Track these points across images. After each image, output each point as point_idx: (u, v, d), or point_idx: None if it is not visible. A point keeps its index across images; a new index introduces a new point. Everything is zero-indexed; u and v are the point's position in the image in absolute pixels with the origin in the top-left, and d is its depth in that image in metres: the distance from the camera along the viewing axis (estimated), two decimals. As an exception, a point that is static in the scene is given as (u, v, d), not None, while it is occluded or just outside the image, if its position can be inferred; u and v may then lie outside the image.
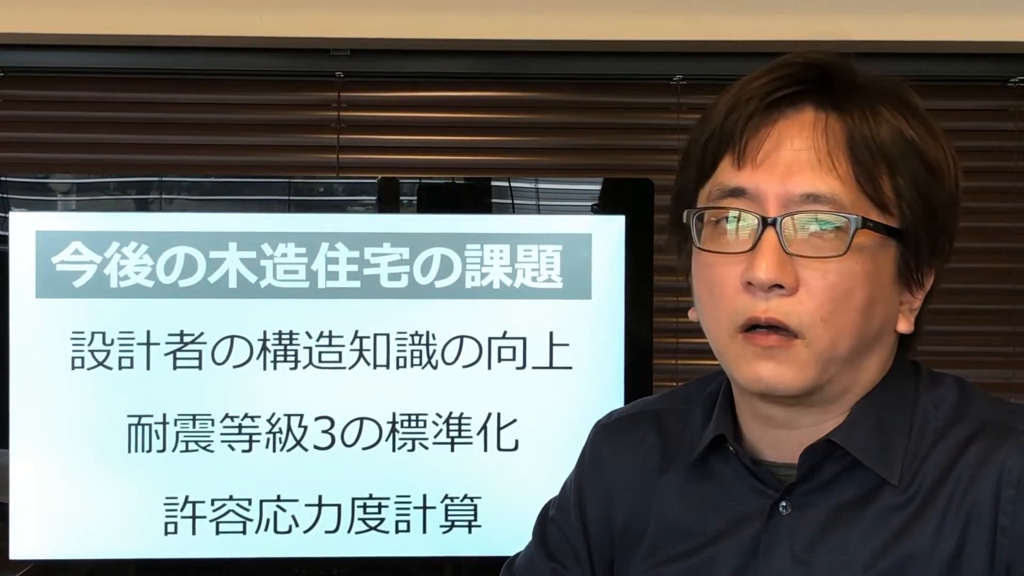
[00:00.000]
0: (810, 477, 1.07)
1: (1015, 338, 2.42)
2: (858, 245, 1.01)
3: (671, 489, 1.16)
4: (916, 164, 1.03)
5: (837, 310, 1.02)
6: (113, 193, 2.09)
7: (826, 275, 1.02)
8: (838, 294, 1.02)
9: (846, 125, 1.03)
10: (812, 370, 1.03)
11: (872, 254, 1.03)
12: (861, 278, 1.02)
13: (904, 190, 1.03)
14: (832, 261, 1.01)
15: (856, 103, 1.04)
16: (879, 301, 1.04)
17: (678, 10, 2.29)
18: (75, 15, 2.26)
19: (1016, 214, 2.44)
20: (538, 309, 1.89)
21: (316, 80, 2.41)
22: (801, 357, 1.03)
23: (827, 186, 1.02)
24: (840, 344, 1.03)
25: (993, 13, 2.28)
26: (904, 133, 1.03)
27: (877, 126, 1.03)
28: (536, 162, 2.42)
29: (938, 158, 1.05)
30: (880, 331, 1.06)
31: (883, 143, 1.02)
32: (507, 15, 2.29)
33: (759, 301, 1.03)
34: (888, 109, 1.04)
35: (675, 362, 2.31)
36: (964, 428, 1.06)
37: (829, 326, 1.02)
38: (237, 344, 1.88)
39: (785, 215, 1.02)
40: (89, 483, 1.87)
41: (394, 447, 1.89)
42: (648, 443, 1.20)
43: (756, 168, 1.03)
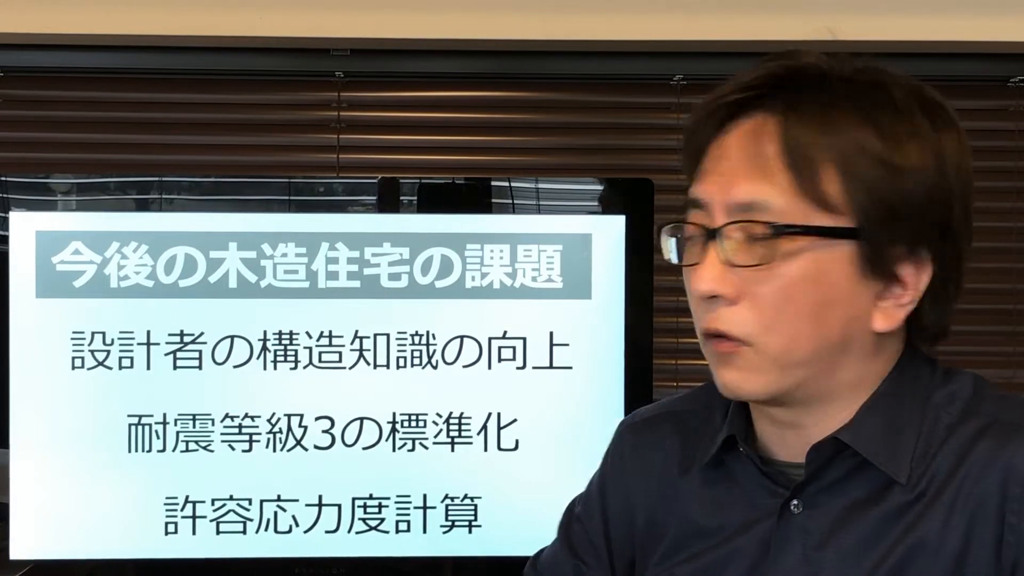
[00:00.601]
0: (820, 476, 1.07)
1: (1015, 338, 2.42)
2: (791, 250, 1.01)
3: (689, 490, 1.17)
4: (868, 165, 1.01)
5: (779, 317, 1.02)
6: (113, 193, 2.09)
7: (763, 283, 1.02)
8: (779, 301, 1.02)
9: (787, 129, 1.02)
10: (770, 375, 1.04)
11: (814, 256, 1.02)
12: (803, 282, 1.02)
13: (855, 191, 1.01)
14: (769, 268, 1.02)
15: (808, 106, 1.03)
16: (835, 302, 1.03)
17: (678, 10, 2.29)
18: (75, 15, 2.26)
19: (1016, 214, 2.44)
20: (538, 309, 1.89)
21: (316, 80, 2.41)
22: (754, 363, 1.04)
23: (760, 192, 1.02)
24: (796, 349, 1.03)
25: (993, 13, 2.28)
26: (857, 134, 1.01)
27: (824, 128, 1.02)
28: (536, 162, 2.42)
29: (907, 155, 1.02)
30: (848, 331, 1.04)
31: (828, 145, 1.01)
32: (507, 15, 2.29)
33: (707, 312, 1.05)
34: (850, 109, 1.02)
35: (675, 362, 2.31)
36: (973, 425, 1.05)
37: (775, 333, 1.03)
38: (237, 344, 1.88)
39: (724, 225, 1.03)
40: (89, 483, 1.87)
41: (394, 447, 1.89)
42: (668, 445, 1.21)
43: (705, 179, 1.06)
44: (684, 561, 1.15)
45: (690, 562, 1.14)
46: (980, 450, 1.03)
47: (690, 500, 1.16)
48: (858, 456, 1.06)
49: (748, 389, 1.06)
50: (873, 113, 1.03)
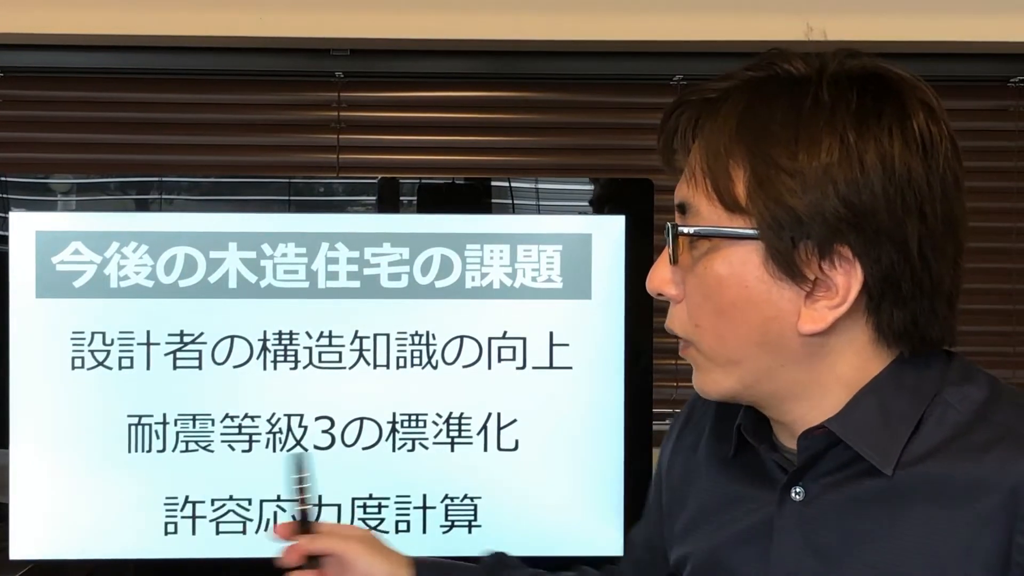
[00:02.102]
0: (815, 464, 1.08)
1: (1015, 338, 2.43)
2: (705, 252, 1.05)
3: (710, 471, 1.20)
4: (769, 168, 1.01)
5: (703, 315, 1.06)
6: (113, 193, 2.09)
7: (692, 283, 1.07)
8: (701, 300, 1.06)
9: (710, 134, 1.06)
10: (715, 373, 1.08)
11: (724, 258, 1.04)
12: (715, 283, 1.05)
13: (757, 194, 1.02)
14: (695, 268, 1.06)
15: (731, 109, 1.06)
16: (750, 303, 1.04)
17: (678, 10, 2.29)
18: (75, 15, 2.27)
19: (1016, 214, 2.44)
20: (538, 309, 1.89)
21: (316, 80, 2.41)
22: (701, 362, 1.09)
23: (686, 195, 1.08)
24: (723, 347, 1.06)
25: (993, 13, 2.28)
26: (764, 138, 1.02)
27: (739, 132, 1.03)
28: (536, 162, 2.42)
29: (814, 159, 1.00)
30: (771, 331, 1.04)
31: (738, 150, 1.03)
32: (507, 15, 2.29)
33: None
34: (766, 112, 1.03)
35: (675, 362, 2.31)
36: (986, 431, 1.03)
37: (703, 331, 1.07)
38: (237, 344, 1.88)
39: (669, 227, 1.08)
40: (89, 483, 1.87)
41: (394, 447, 1.89)
42: (706, 424, 1.24)
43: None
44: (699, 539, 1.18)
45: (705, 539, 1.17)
46: (991, 460, 1.01)
47: (709, 481, 1.19)
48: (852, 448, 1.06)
49: (708, 389, 1.10)
50: (792, 116, 1.02)
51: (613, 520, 1.88)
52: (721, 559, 1.14)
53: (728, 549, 1.14)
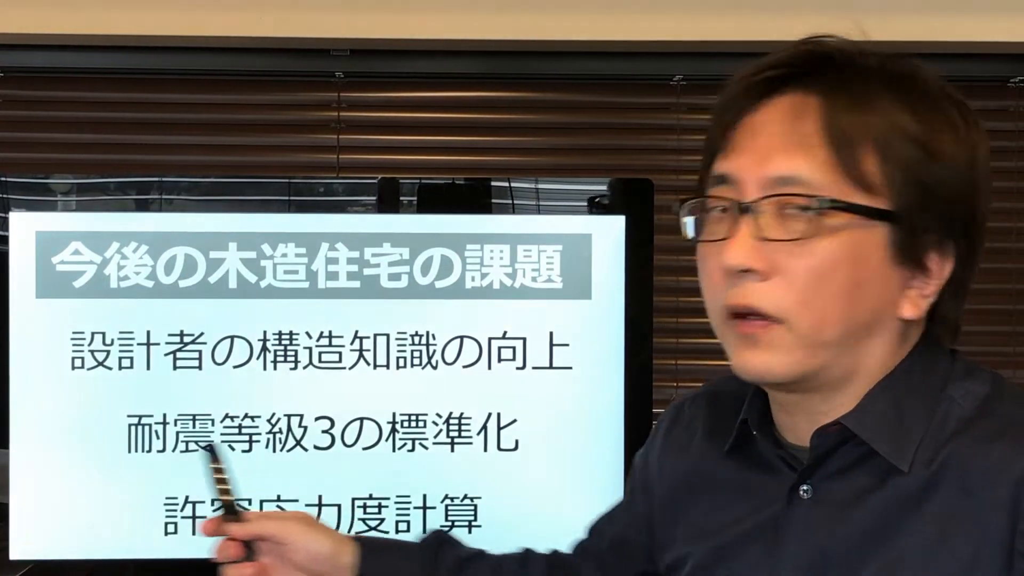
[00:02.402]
0: (826, 462, 1.07)
1: (1015, 338, 2.43)
2: (833, 226, 1.00)
3: (710, 471, 1.18)
4: (908, 147, 1.01)
5: (815, 294, 1.01)
6: (113, 193, 2.09)
7: (800, 258, 1.01)
8: (814, 277, 1.01)
9: (828, 108, 1.02)
10: (797, 354, 1.03)
11: (853, 235, 1.01)
12: (840, 260, 1.01)
13: (893, 172, 1.01)
14: (806, 243, 1.01)
15: (846, 87, 1.03)
16: (868, 284, 1.02)
17: (678, 10, 2.29)
18: (75, 15, 2.26)
19: (1016, 214, 2.44)
20: (538, 309, 1.89)
21: (316, 80, 2.41)
22: (784, 342, 1.03)
23: (799, 168, 1.01)
24: (825, 328, 1.02)
25: (993, 13, 2.28)
26: (895, 117, 1.02)
27: (863, 109, 1.01)
28: (536, 162, 2.42)
29: (942, 143, 1.02)
30: (876, 315, 1.04)
31: (868, 125, 1.01)
32: (507, 15, 2.29)
33: (736, 288, 1.03)
34: (885, 94, 1.03)
35: (675, 362, 2.31)
36: (990, 425, 1.03)
37: (808, 309, 1.01)
38: (237, 344, 1.88)
39: (759, 199, 1.01)
40: (89, 483, 1.87)
41: (394, 447, 1.89)
42: (699, 425, 1.22)
43: (737, 155, 1.04)
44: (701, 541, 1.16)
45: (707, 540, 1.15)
46: (995, 452, 1.01)
47: (710, 480, 1.17)
48: (865, 444, 1.05)
49: (772, 370, 1.04)
50: (909, 98, 1.03)
51: (613, 520, 1.87)
52: (725, 558, 1.13)
53: (733, 548, 1.12)
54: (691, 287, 2.49)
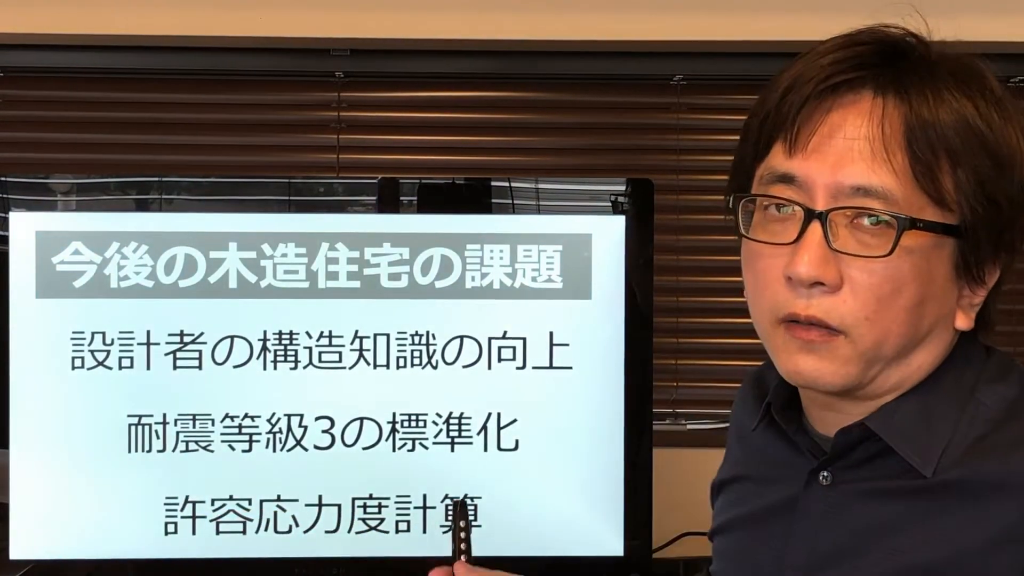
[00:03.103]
0: (847, 454, 1.06)
1: (1015, 338, 2.42)
2: (907, 245, 0.98)
3: (748, 447, 1.19)
4: (980, 156, 0.99)
5: (882, 309, 0.99)
6: (113, 193, 2.09)
7: (872, 274, 0.99)
8: (884, 294, 0.99)
9: (905, 111, 0.98)
10: (854, 367, 1.01)
11: (924, 253, 0.99)
12: (910, 278, 0.99)
13: (965, 185, 0.99)
14: (879, 261, 0.98)
15: (920, 85, 1.00)
16: (931, 300, 1.01)
17: (678, 10, 2.29)
18: (75, 15, 2.26)
19: (1016, 214, 2.44)
20: (538, 309, 1.89)
21: (316, 80, 2.41)
22: (843, 353, 1.01)
23: (879, 179, 0.98)
24: (887, 344, 1.01)
25: (993, 13, 2.28)
26: (969, 120, 0.99)
27: (939, 111, 0.99)
28: (536, 162, 2.42)
29: (1009, 146, 1.01)
30: (932, 329, 1.03)
31: (944, 132, 0.98)
32: (507, 15, 2.29)
33: (800, 297, 1.00)
34: (955, 91, 1.01)
35: (675, 362, 2.31)
36: (1013, 430, 1.02)
37: (874, 325, 0.99)
38: (237, 344, 1.88)
39: (833, 209, 0.98)
40: (89, 483, 1.87)
41: (394, 447, 1.89)
42: (744, 405, 1.23)
43: (807, 156, 1.00)
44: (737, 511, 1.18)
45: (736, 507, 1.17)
46: (1016, 460, 1.00)
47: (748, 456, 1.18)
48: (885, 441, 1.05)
49: (826, 379, 1.02)
50: (975, 96, 1.01)
51: (613, 520, 1.87)
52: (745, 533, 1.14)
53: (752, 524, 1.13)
54: (691, 287, 2.51)
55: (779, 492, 1.12)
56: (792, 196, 1.01)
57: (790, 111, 1.01)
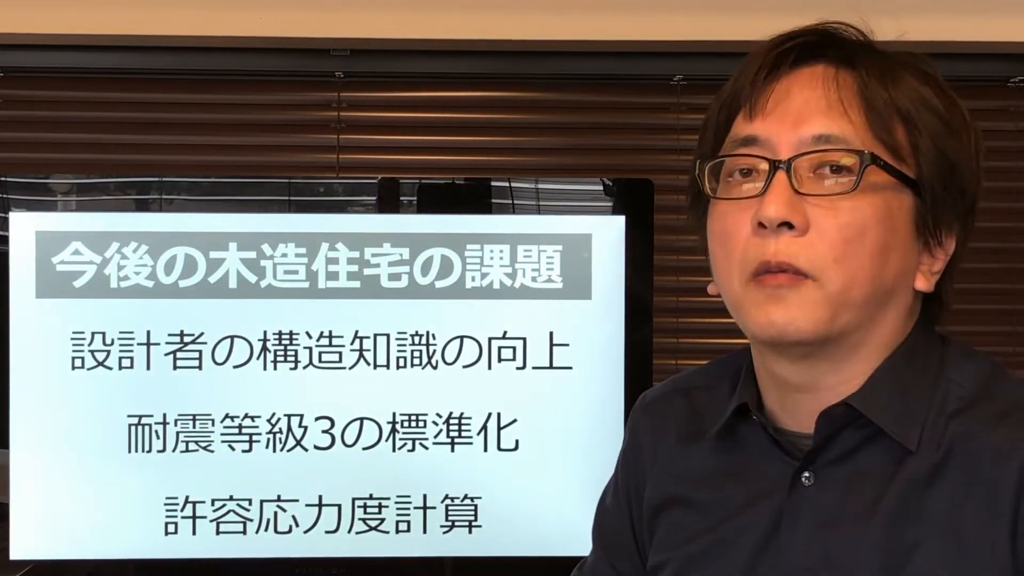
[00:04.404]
0: (830, 446, 1.06)
1: (1015, 338, 2.42)
2: (870, 184, 1.01)
3: (699, 464, 1.16)
4: (933, 120, 1.04)
5: (849, 251, 1.01)
6: (113, 193, 2.09)
7: (838, 214, 1.01)
8: (850, 234, 1.01)
9: (859, 78, 1.04)
10: (824, 312, 1.02)
11: (885, 198, 1.02)
12: (874, 220, 1.02)
13: (920, 141, 1.03)
14: (844, 199, 1.01)
15: (872, 63, 1.05)
16: (894, 249, 1.03)
17: (678, 10, 2.29)
18: (75, 15, 2.26)
19: (1016, 214, 2.44)
20: (538, 309, 1.89)
21: (316, 80, 2.41)
22: (813, 298, 1.02)
23: (838, 128, 1.02)
24: (854, 288, 1.02)
25: (993, 13, 2.28)
26: (921, 91, 1.04)
27: (892, 83, 1.04)
28: (536, 162, 2.42)
29: (957, 121, 1.06)
30: (896, 282, 1.05)
31: (896, 96, 1.03)
32: (507, 15, 2.29)
33: (769, 243, 1.02)
34: (907, 73, 1.06)
35: (675, 362, 2.31)
36: (992, 407, 1.04)
37: (842, 267, 1.01)
38: (237, 344, 1.88)
39: (795, 156, 1.02)
40: (89, 483, 1.87)
41: (394, 447, 1.89)
42: (678, 420, 1.20)
43: (766, 116, 1.04)
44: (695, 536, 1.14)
45: (702, 537, 1.13)
46: (999, 435, 1.01)
47: (700, 474, 1.16)
48: (869, 427, 1.05)
49: (797, 326, 1.02)
50: (926, 79, 1.06)
51: (613, 520, 1.87)
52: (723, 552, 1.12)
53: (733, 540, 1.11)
54: (691, 287, 2.50)
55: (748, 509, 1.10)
56: (757, 153, 1.04)
57: (746, 84, 1.07)
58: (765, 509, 1.09)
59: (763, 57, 1.07)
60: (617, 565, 1.26)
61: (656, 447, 1.22)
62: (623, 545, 1.25)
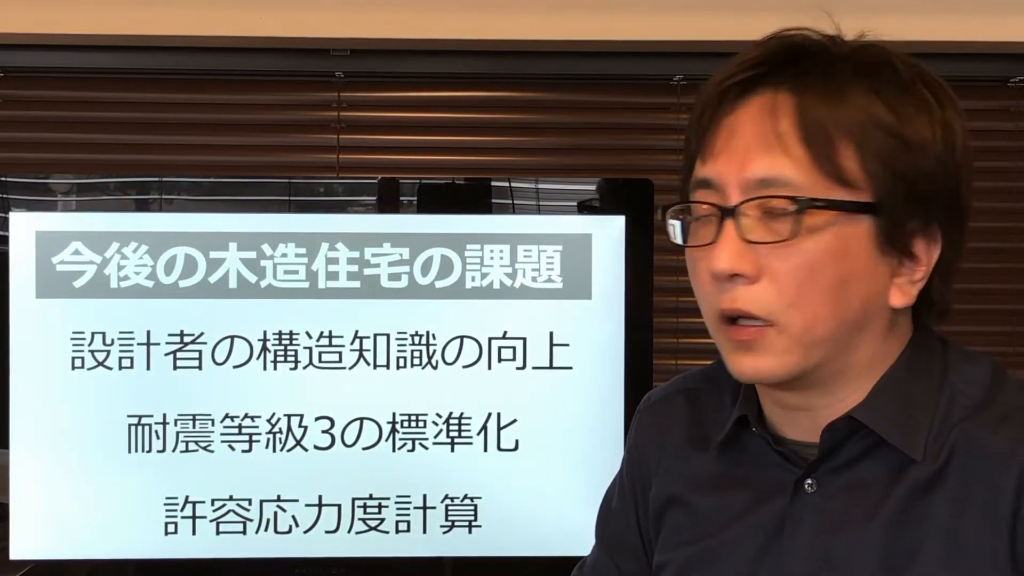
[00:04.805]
0: (833, 455, 1.06)
1: (1015, 338, 2.42)
2: (814, 225, 1.00)
3: (702, 469, 1.17)
4: (881, 137, 1.01)
5: (803, 293, 1.01)
6: (113, 193, 2.09)
7: (786, 260, 1.01)
8: (801, 276, 1.01)
9: (800, 104, 1.02)
10: (792, 356, 1.03)
11: (835, 231, 1.01)
12: (825, 257, 1.01)
13: (871, 164, 1.01)
14: (791, 244, 1.00)
15: (818, 81, 1.03)
16: (856, 278, 1.02)
17: (678, 10, 2.29)
18: (75, 15, 2.26)
19: (1016, 214, 2.44)
20: (538, 309, 1.89)
21: (316, 80, 2.41)
22: (778, 344, 1.02)
23: (779, 169, 1.01)
24: (816, 327, 1.02)
25: (993, 13, 2.28)
26: (868, 108, 1.01)
27: (836, 102, 1.01)
28: (536, 162, 2.42)
29: (917, 129, 1.02)
30: (867, 308, 1.04)
31: (842, 118, 1.01)
32: (507, 15, 2.29)
33: (725, 293, 1.03)
34: (858, 83, 1.03)
35: (675, 362, 2.31)
36: (994, 412, 1.04)
37: (798, 310, 1.01)
38: (237, 344, 1.88)
39: (741, 203, 1.01)
40: (89, 483, 1.87)
41: (394, 447, 1.89)
42: (682, 421, 1.21)
43: (716, 158, 1.04)
44: (696, 539, 1.15)
45: (702, 540, 1.14)
46: (1000, 440, 1.01)
47: (703, 478, 1.16)
48: (872, 435, 1.05)
49: (766, 373, 1.04)
50: (880, 87, 1.03)
51: (613, 520, 1.87)
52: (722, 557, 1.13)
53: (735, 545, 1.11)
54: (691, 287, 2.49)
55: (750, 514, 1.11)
56: (709, 198, 1.04)
57: (700, 123, 1.07)
58: (767, 514, 1.09)
59: (708, 94, 1.07)
60: (621, 564, 1.26)
61: (661, 447, 1.22)
62: (629, 544, 1.26)
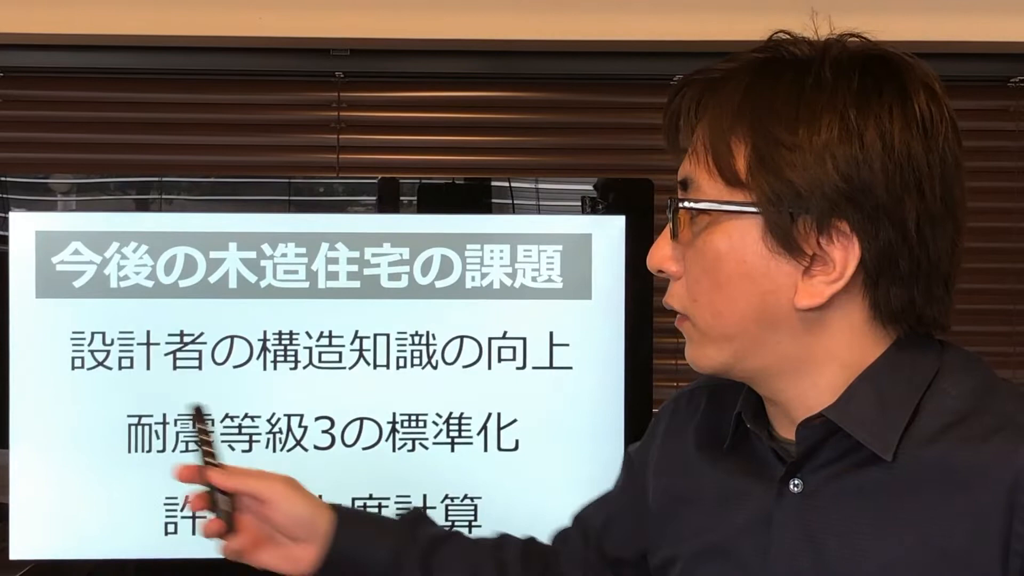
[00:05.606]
0: (815, 454, 1.07)
1: (1015, 338, 2.42)
2: (706, 226, 1.06)
3: (709, 465, 1.18)
4: (769, 143, 1.02)
5: (701, 290, 1.07)
6: (113, 193, 2.09)
7: (692, 259, 1.08)
8: (696, 275, 1.07)
9: (715, 109, 1.07)
10: (708, 348, 1.09)
11: (725, 229, 1.05)
12: (719, 255, 1.05)
13: (755, 166, 1.03)
14: (693, 244, 1.07)
15: (731, 86, 1.08)
16: (748, 277, 1.05)
17: (678, 10, 2.29)
18: (75, 15, 2.26)
19: (1016, 214, 2.44)
20: (538, 309, 1.89)
21: (316, 80, 2.41)
22: (695, 336, 1.10)
23: (690, 171, 1.09)
24: (719, 322, 1.07)
25: (993, 13, 2.28)
26: (762, 115, 1.03)
27: (739, 109, 1.05)
28: (536, 162, 2.42)
29: (815, 133, 1.01)
30: (767, 305, 1.05)
31: (739, 122, 1.05)
32: (507, 15, 2.29)
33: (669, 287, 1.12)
34: (764, 89, 1.05)
35: (675, 362, 2.31)
36: (985, 420, 1.03)
37: (699, 304, 1.08)
38: (237, 344, 1.88)
39: (671, 203, 1.09)
40: (89, 483, 1.87)
41: (394, 447, 1.89)
42: (699, 419, 1.23)
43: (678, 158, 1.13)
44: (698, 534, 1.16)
45: (700, 536, 1.16)
46: (990, 449, 1.01)
47: (713, 473, 1.17)
48: (852, 436, 1.05)
49: (699, 363, 1.11)
50: (794, 94, 1.04)
51: (613, 520, 1.87)
52: (716, 556, 1.14)
53: (727, 543, 1.13)
54: (691, 287, 2.45)
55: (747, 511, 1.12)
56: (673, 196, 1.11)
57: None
58: (759, 514, 1.10)
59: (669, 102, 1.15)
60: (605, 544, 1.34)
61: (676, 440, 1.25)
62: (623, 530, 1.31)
